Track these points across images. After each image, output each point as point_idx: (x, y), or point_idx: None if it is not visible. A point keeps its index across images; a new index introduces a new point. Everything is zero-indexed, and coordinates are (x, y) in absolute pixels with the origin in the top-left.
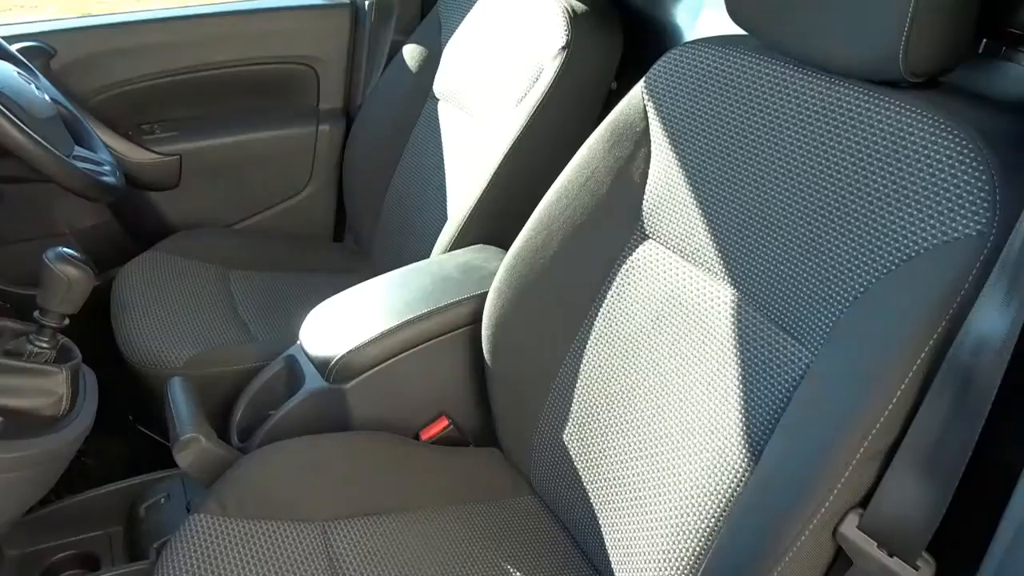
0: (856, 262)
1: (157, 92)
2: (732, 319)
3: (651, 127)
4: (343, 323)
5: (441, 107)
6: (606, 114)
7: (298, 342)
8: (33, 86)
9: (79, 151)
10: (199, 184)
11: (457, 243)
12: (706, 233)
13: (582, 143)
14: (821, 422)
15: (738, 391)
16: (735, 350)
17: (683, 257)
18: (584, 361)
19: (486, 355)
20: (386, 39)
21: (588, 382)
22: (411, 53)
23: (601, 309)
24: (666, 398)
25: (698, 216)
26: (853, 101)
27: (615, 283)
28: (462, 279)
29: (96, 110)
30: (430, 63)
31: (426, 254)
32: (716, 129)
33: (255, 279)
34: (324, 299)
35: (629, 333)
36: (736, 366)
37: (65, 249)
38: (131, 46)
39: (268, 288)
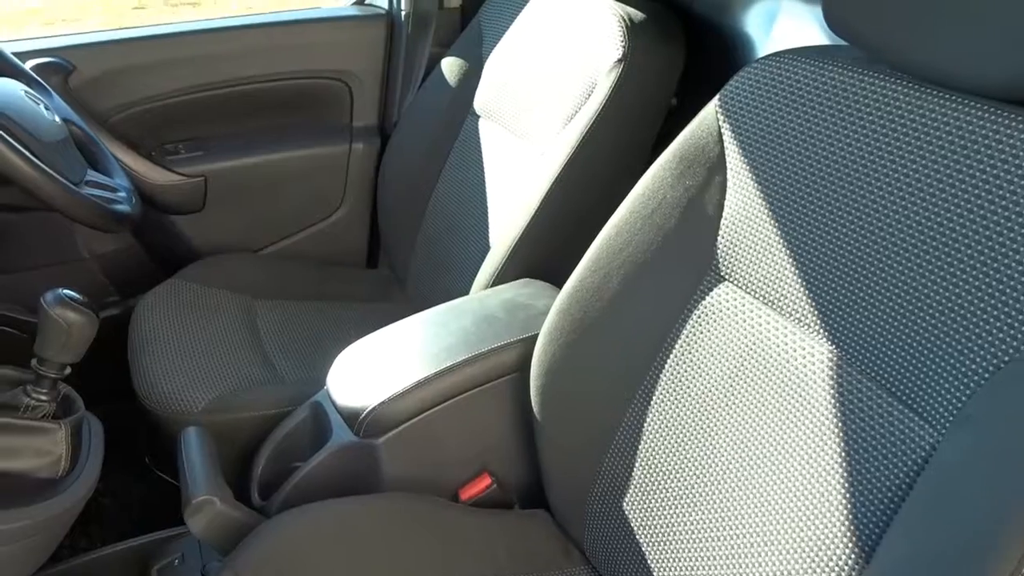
0: (995, 324)
1: (181, 110)
2: (831, 382)
3: (727, 152)
4: (374, 369)
5: (482, 125)
6: (666, 135)
7: (325, 387)
8: (43, 106)
9: (92, 176)
10: (225, 207)
11: (501, 276)
12: (795, 277)
13: (638, 167)
14: (959, 525)
15: (841, 470)
16: (835, 420)
17: (767, 304)
18: (649, 418)
19: (534, 407)
20: (423, 52)
21: (654, 443)
22: (450, 67)
23: (669, 360)
24: (749, 470)
25: (785, 257)
26: (994, 127)
27: (685, 331)
28: (507, 320)
29: (117, 129)
30: (471, 77)
31: (466, 286)
32: (807, 155)
33: (283, 310)
34: (357, 334)
35: (703, 389)
36: (837, 439)
37: (65, 292)
38: (154, 61)
39: (296, 321)
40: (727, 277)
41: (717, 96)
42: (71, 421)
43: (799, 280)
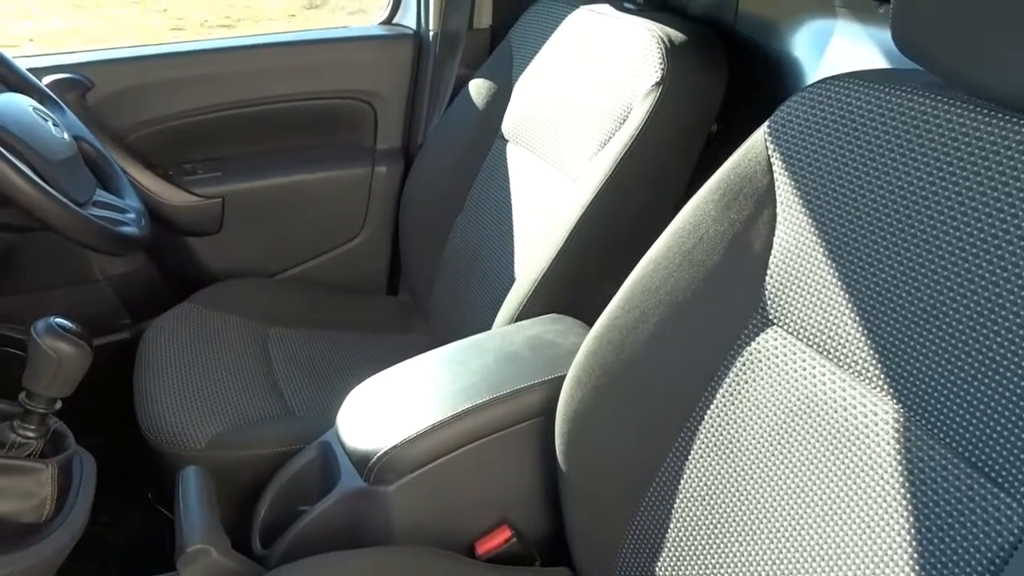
0: None
1: (200, 129)
2: (897, 446)
3: (777, 184)
4: (387, 410)
5: (510, 150)
6: (705, 164)
7: (335, 426)
8: (51, 123)
9: (101, 196)
10: (242, 229)
11: (526, 310)
12: (853, 324)
13: (675, 197)
14: None
15: (910, 548)
16: (903, 491)
17: (821, 353)
18: (687, 473)
19: (559, 455)
20: (451, 73)
21: (692, 500)
22: (478, 89)
23: (709, 410)
24: (798, 535)
25: (842, 301)
26: None
27: (728, 379)
28: (531, 358)
29: (134, 148)
30: (499, 100)
31: (489, 318)
32: (870, 189)
33: (297, 339)
34: (373, 367)
35: (748, 444)
36: (905, 513)
37: (57, 320)
38: (174, 79)
39: (311, 350)
40: (776, 321)
41: (767, 122)
42: (59, 460)
43: (858, 328)
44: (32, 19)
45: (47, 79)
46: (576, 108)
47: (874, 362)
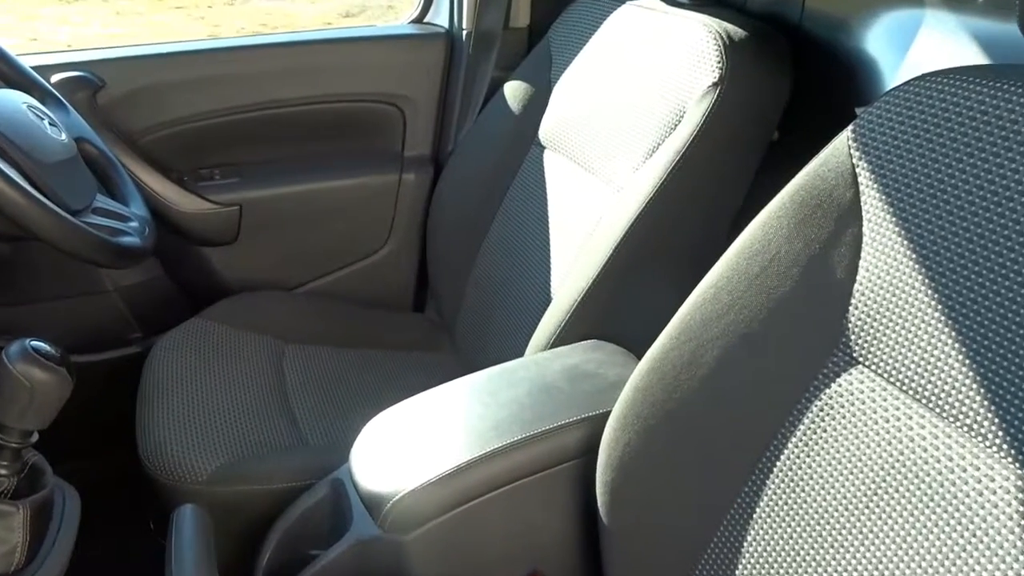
0: None
1: (217, 132)
2: (1019, 519)
3: (864, 198)
4: (406, 446)
5: (548, 157)
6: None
7: (349, 461)
8: (47, 122)
9: (101, 202)
10: (260, 239)
11: (563, 334)
12: (959, 368)
13: (732, 211)
14: None
15: None
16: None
17: (919, 401)
18: (751, 533)
19: (601, 505)
20: (485, 75)
21: (762, 558)
22: (514, 92)
23: (780, 462)
24: None
25: (944, 339)
26: None
27: (803, 425)
28: (570, 391)
29: (147, 151)
30: (536, 104)
31: (521, 341)
32: (981, 208)
33: (314, 357)
34: (395, 391)
35: (826, 504)
36: None
37: (33, 343)
38: (191, 79)
39: (329, 370)
40: (861, 360)
41: (850, 127)
42: (33, 501)
43: (965, 373)
44: (70, 25)
45: (55, 77)
46: (622, 112)
47: (987, 415)
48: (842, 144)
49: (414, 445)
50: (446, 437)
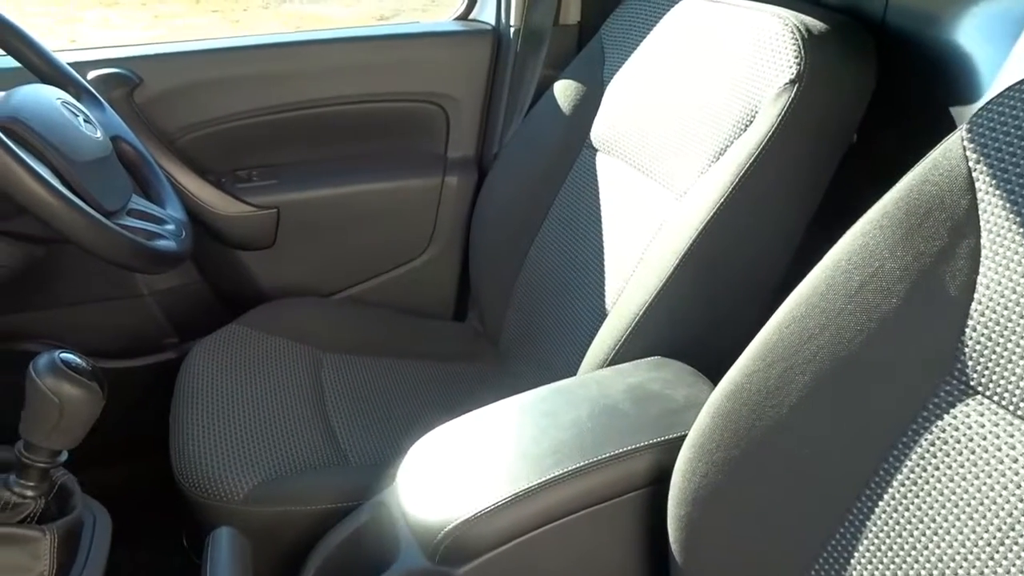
0: None
1: (256, 132)
2: None
3: (982, 206)
4: (458, 471)
5: (601, 160)
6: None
7: (394, 483)
8: (82, 119)
9: (137, 204)
10: (298, 243)
11: (623, 350)
12: None
13: (808, 218)
14: None
15: None
16: None
17: None
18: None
19: (674, 541)
20: (533, 74)
21: None
22: (564, 91)
23: (882, 502)
24: None
25: None
26: None
27: (909, 462)
28: (636, 414)
29: (184, 151)
30: (588, 104)
31: (571, 356)
32: None
33: (354, 368)
34: (439, 403)
35: (943, 553)
36: None
37: (63, 355)
38: (230, 77)
39: (368, 381)
40: (980, 389)
41: (964, 126)
42: (61, 526)
43: None
44: (109, 28)
45: (92, 73)
46: (684, 112)
47: None
48: (955, 146)
49: (466, 469)
50: (501, 462)
